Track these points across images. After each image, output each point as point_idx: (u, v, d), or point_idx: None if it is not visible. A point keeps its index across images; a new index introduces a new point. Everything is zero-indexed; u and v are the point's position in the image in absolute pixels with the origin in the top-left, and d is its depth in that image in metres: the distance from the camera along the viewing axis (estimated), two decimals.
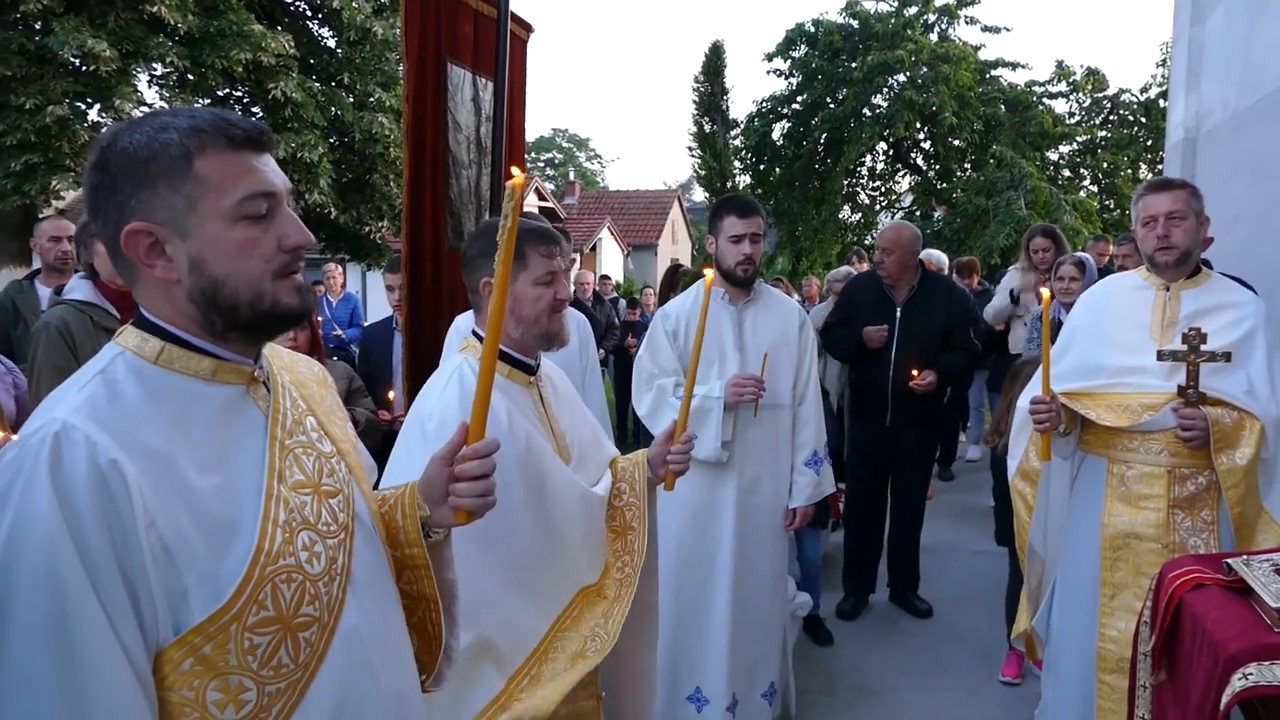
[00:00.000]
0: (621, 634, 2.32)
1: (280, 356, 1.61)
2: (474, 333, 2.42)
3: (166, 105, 15.13)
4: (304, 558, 1.39)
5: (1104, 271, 5.98)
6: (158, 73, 13.51)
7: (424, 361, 4.03)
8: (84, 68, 12.32)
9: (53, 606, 1.16)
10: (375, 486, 1.76)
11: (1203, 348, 3.04)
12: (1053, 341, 3.51)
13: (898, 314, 5.39)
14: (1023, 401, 3.40)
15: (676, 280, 6.13)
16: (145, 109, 13.40)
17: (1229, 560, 2.41)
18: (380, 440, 4.61)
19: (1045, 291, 3.17)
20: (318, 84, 14.48)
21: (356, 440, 1.70)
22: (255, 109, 13.61)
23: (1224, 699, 2.02)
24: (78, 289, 3.59)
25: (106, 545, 1.20)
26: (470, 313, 3.77)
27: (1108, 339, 3.36)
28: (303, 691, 1.38)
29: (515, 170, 1.47)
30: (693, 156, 23.33)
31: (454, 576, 1.79)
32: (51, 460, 1.20)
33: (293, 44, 13.36)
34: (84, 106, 12.97)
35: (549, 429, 2.37)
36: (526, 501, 2.22)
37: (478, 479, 1.56)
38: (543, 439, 2.31)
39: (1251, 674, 2.00)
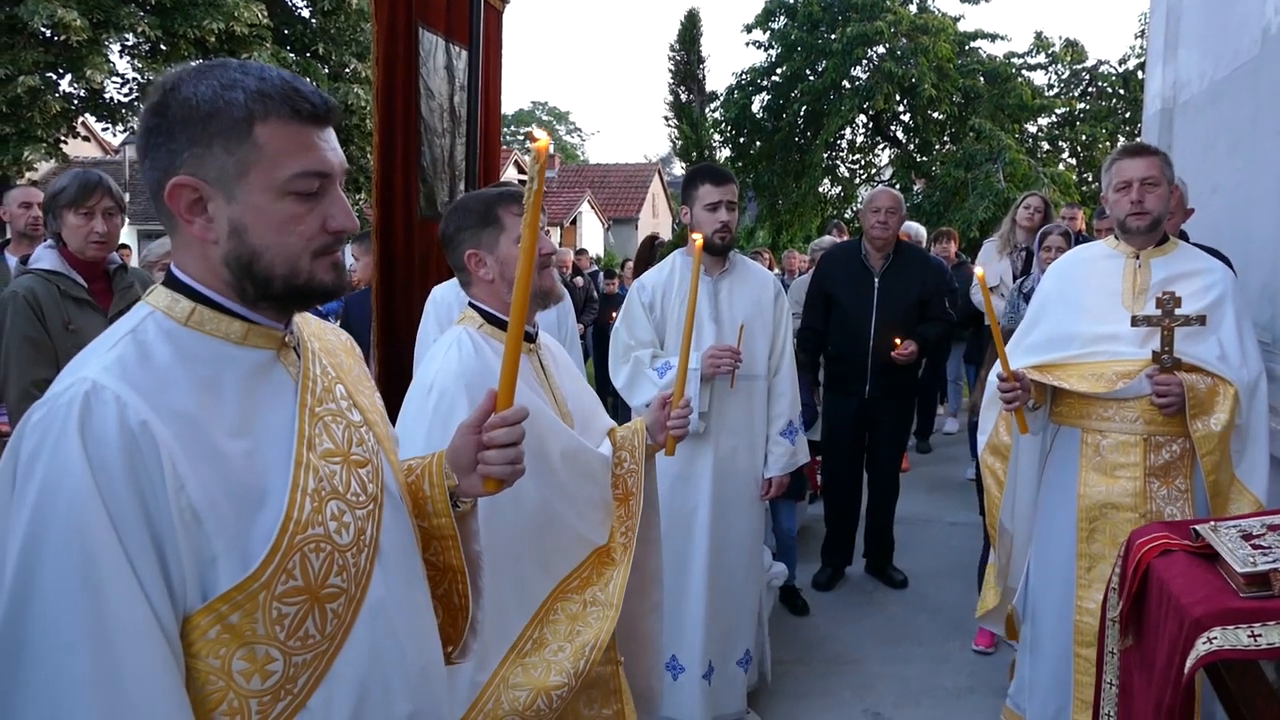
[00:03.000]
0: (626, 600, 2.34)
1: (309, 323, 1.57)
2: (470, 304, 2.42)
3: (139, 76, 14.93)
4: (333, 527, 1.36)
5: (1078, 237, 6.00)
6: (129, 42, 13.32)
7: (395, 330, 4.00)
8: (55, 38, 12.16)
9: (83, 566, 1.14)
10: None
11: (1177, 312, 3.05)
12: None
13: (876, 284, 5.39)
14: (992, 376, 3.40)
15: (654, 253, 6.08)
16: (117, 79, 13.24)
17: (1196, 526, 2.42)
18: None
19: (979, 270, 3.16)
20: (292, 54, 14.34)
21: (384, 411, 1.67)
22: None
23: (1189, 663, 2.04)
24: (44, 258, 3.54)
25: (137, 507, 1.18)
26: (447, 283, 3.75)
27: (1079, 308, 3.34)
28: (329, 663, 1.35)
29: (539, 133, 1.41)
30: (669, 126, 23.17)
31: (480, 547, 1.78)
32: (81, 420, 1.18)
33: (266, 14, 13.19)
34: (55, 77, 12.81)
35: (551, 396, 2.40)
36: (532, 464, 2.22)
37: (506, 446, 1.55)
38: (546, 404, 2.34)
39: (1216, 638, 2.02)
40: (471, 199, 2.44)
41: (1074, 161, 21.61)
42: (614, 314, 9.66)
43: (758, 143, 21.85)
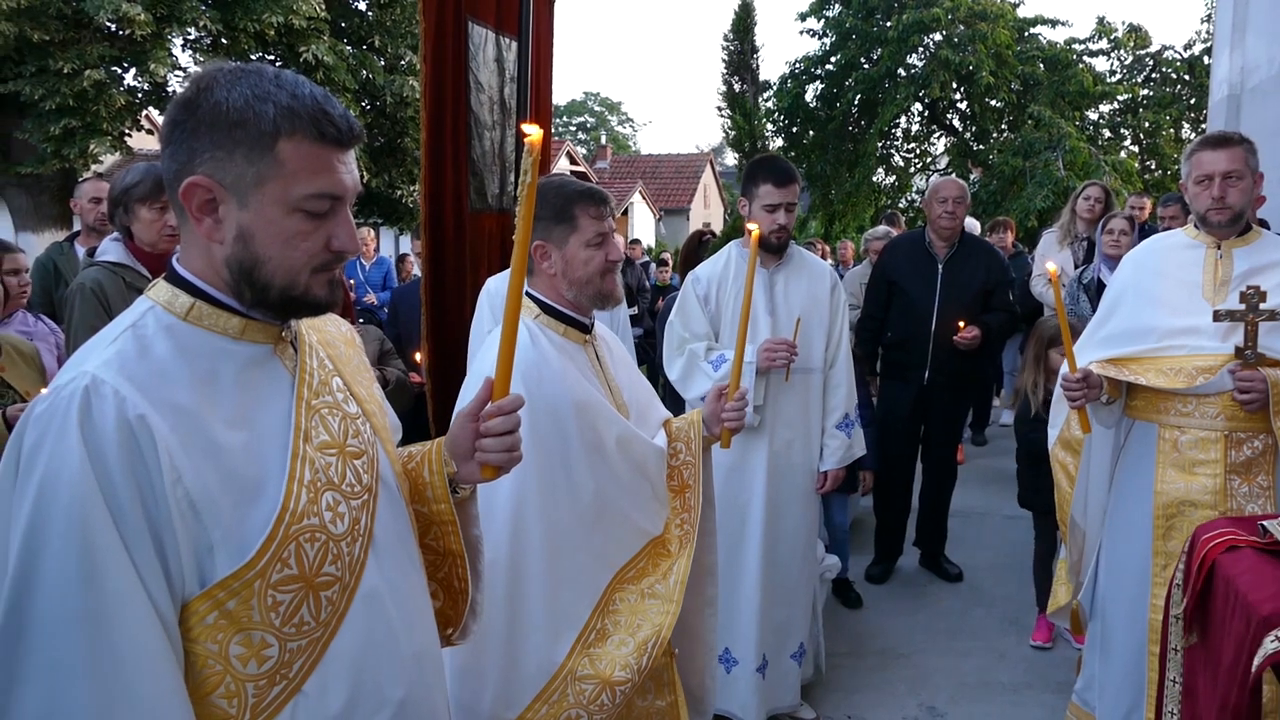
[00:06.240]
0: None
1: None
2: (527, 293, 2.41)
3: (200, 70, 15.12)
4: (328, 518, 1.41)
5: (1143, 227, 5.86)
6: (191, 36, 13.56)
7: (445, 323, 4.02)
8: (120, 32, 12.40)
9: (82, 557, 1.19)
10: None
11: (1262, 306, 2.93)
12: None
13: (940, 270, 5.37)
14: (1065, 368, 3.32)
15: (702, 249, 6.04)
16: (179, 73, 13.50)
17: (1265, 522, 2.36)
18: (412, 402, 4.62)
19: (1051, 266, 3.05)
20: (349, 47, 14.49)
21: (383, 401, 1.71)
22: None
23: (1256, 661, 1.99)
24: (110, 251, 3.61)
25: (134, 498, 1.23)
26: (502, 274, 3.78)
27: (1156, 300, 3.22)
28: (324, 649, 1.40)
29: (529, 128, 1.44)
30: (722, 116, 22.98)
31: (479, 532, 1.81)
32: (81, 414, 1.22)
33: (323, 6, 13.34)
34: (120, 71, 13.07)
35: (606, 387, 2.41)
36: (587, 455, 2.26)
37: (503, 435, 1.58)
38: (601, 395, 2.35)
39: None
40: (551, 189, 2.35)
41: (1136, 149, 21.11)
42: (660, 302, 9.69)
43: (811, 132, 21.62)
